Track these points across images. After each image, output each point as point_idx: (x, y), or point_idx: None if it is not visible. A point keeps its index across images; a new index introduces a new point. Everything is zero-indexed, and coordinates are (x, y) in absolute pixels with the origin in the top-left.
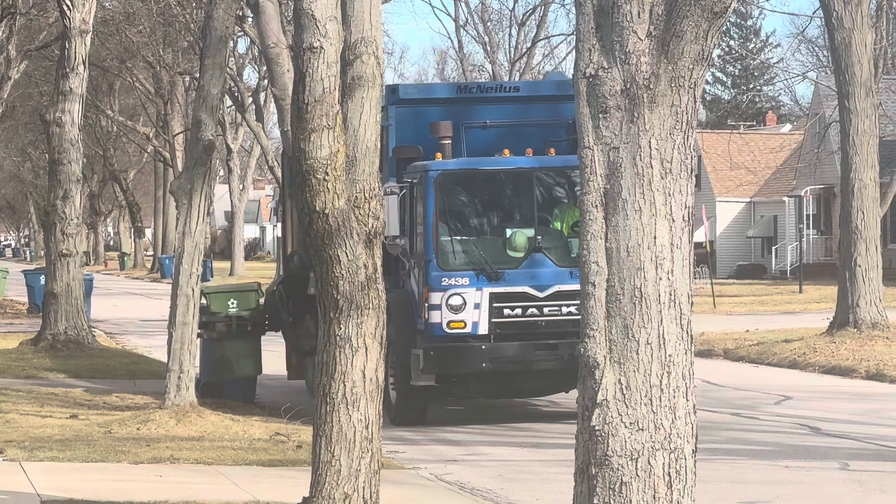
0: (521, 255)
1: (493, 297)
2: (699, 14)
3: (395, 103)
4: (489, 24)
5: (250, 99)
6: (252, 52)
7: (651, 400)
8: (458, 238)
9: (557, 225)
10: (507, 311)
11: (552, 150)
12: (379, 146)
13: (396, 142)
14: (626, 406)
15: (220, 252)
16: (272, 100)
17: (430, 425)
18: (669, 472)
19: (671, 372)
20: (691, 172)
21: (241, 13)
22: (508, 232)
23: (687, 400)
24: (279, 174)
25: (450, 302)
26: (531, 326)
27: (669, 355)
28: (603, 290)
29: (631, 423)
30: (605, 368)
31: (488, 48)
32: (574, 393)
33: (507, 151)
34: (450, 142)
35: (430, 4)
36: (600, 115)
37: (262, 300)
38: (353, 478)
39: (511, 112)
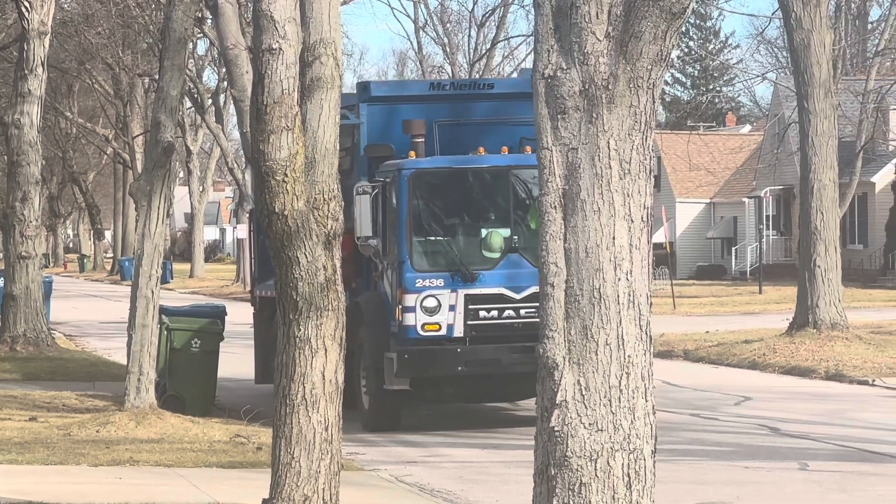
0: (496, 255)
1: (469, 299)
2: (658, 15)
3: (367, 101)
4: (448, 25)
5: (210, 100)
6: (212, 53)
7: (610, 401)
8: (433, 238)
9: (534, 224)
10: (482, 314)
11: (528, 148)
12: (338, 148)
13: (368, 140)
14: (586, 407)
15: (181, 254)
16: (232, 101)
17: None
18: (629, 473)
19: (630, 373)
20: (650, 173)
21: (200, 15)
22: (484, 232)
23: (646, 401)
24: (239, 176)
25: (424, 304)
26: (508, 329)
27: (628, 356)
28: (562, 290)
29: (590, 424)
30: (564, 369)
31: (448, 49)
32: None
33: (482, 150)
34: (423, 140)
35: (390, 6)
36: (559, 116)
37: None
38: (312, 479)
39: (485, 109)
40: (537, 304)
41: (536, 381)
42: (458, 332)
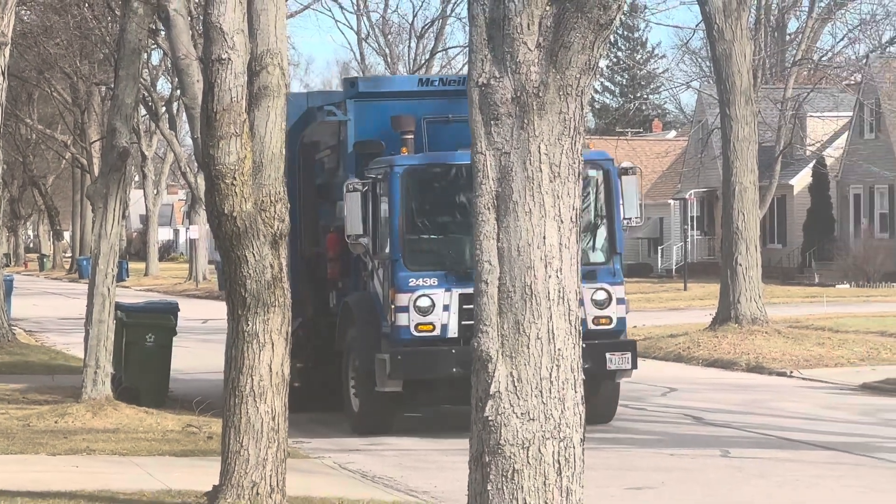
0: None
1: (463, 299)
2: (586, 26)
3: (354, 97)
4: (389, 36)
5: (164, 108)
6: (165, 63)
7: (541, 392)
8: (426, 237)
9: None
10: None
11: None
12: (284, 152)
13: (356, 137)
14: (518, 397)
15: (136, 253)
16: (184, 109)
17: (337, 419)
18: (559, 460)
19: (560, 365)
20: (579, 176)
21: (153, 27)
22: None
23: (575, 391)
24: (191, 180)
25: (417, 304)
26: None
27: (558, 349)
28: (495, 287)
29: (522, 414)
30: (498, 362)
31: (389, 60)
32: None
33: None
34: (412, 136)
35: (334, 19)
36: (492, 122)
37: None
38: (260, 466)
39: None
40: None
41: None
42: (453, 332)
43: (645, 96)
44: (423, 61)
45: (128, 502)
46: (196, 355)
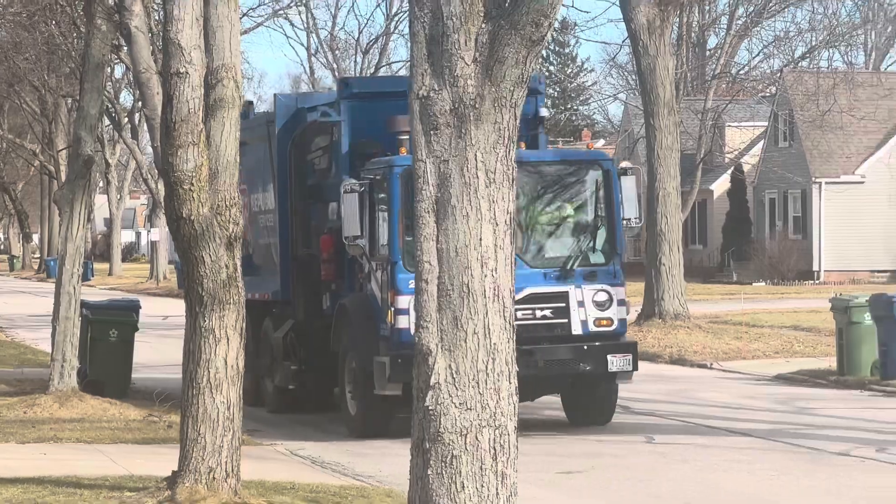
0: None
1: None
2: (519, 42)
3: (348, 97)
4: (337, 52)
5: (126, 119)
6: (127, 77)
7: (478, 383)
8: None
9: (529, 223)
10: None
11: (522, 144)
12: (238, 160)
13: (350, 137)
14: (456, 388)
15: (101, 254)
16: (145, 119)
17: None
18: (494, 447)
19: (496, 358)
20: (513, 182)
21: (116, 43)
22: None
23: (510, 383)
24: (153, 186)
25: None
26: None
27: (494, 343)
28: (435, 286)
29: (460, 404)
30: (437, 355)
31: (336, 74)
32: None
33: None
34: (407, 137)
35: (285, 35)
36: (432, 132)
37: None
38: (216, 453)
39: None
40: (534, 306)
41: (413, 366)
42: None
43: (575, 108)
44: (368, 75)
45: (92, 487)
46: (157, 350)
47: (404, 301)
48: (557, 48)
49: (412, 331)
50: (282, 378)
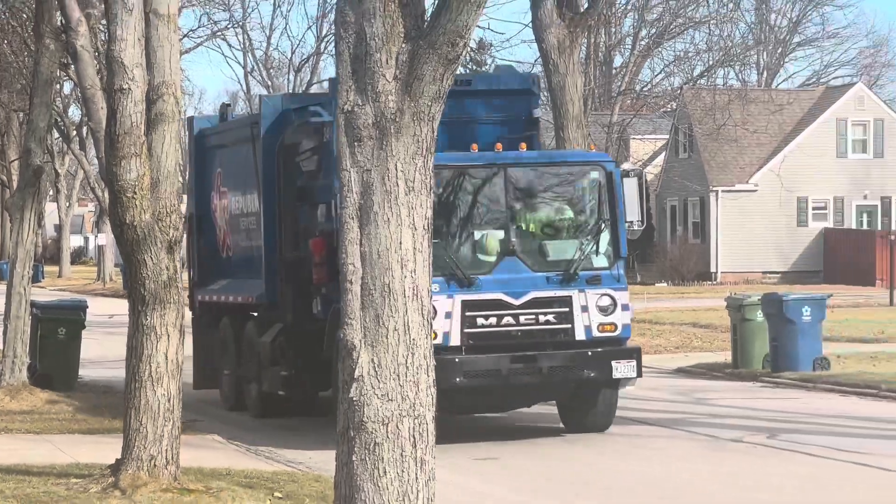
0: (492, 258)
1: (466, 306)
2: (437, 61)
3: None
4: (271, 70)
5: (74, 131)
6: (75, 93)
7: (398, 376)
8: None
9: (531, 226)
10: (480, 321)
11: (523, 145)
12: (178, 170)
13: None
14: (378, 381)
15: (51, 258)
16: (91, 132)
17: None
18: (414, 435)
19: (415, 353)
20: (430, 190)
21: (64, 61)
22: (478, 234)
23: (428, 375)
24: (99, 194)
25: None
26: (506, 337)
27: (413, 339)
28: (358, 286)
29: (382, 395)
30: (361, 350)
31: (271, 90)
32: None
33: (475, 146)
34: None
35: (223, 54)
36: (356, 144)
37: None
38: (157, 442)
39: (461, 107)
40: (537, 311)
41: (338, 361)
42: (455, 340)
43: None
44: (301, 92)
45: (41, 474)
46: (103, 346)
47: None
48: (474, 66)
49: None
50: (271, 384)
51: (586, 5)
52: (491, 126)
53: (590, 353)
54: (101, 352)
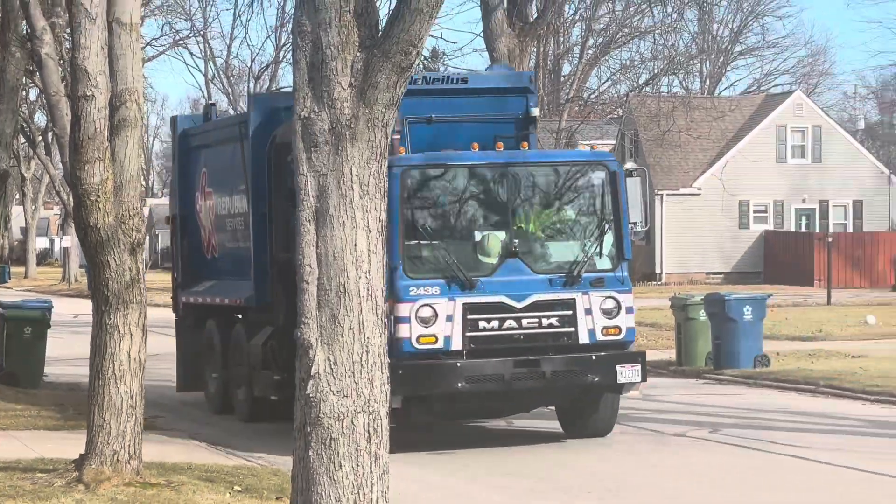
0: (494, 260)
1: (468, 308)
2: (390, 69)
3: None
4: (232, 78)
5: (40, 137)
6: (41, 99)
7: (353, 373)
8: (427, 242)
9: (533, 226)
10: (482, 324)
11: (525, 144)
12: (141, 175)
13: None
14: (334, 378)
15: (17, 259)
16: (56, 138)
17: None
18: (368, 430)
19: (369, 351)
20: (384, 194)
21: (30, 68)
22: (479, 235)
23: (382, 373)
24: (65, 197)
25: (419, 314)
26: (509, 341)
27: (367, 338)
28: (315, 286)
29: (338, 392)
30: (317, 348)
31: (231, 98)
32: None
33: (475, 145)
34: (398, 136)
35: (185, 63)
36: (312, 149)
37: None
38: (120, 438)
39: (457, 106)
40: (540, 314)
41: (295, 359)
42: (456, 344)
43: None
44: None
45: (6, 469)
46: (67, 345)
47: (405, 309)
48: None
49: (412, 341)
50: (262, 388)
51: (535, 16)
52: (488, 125)
53: (594, 357)
54: (65, 350)
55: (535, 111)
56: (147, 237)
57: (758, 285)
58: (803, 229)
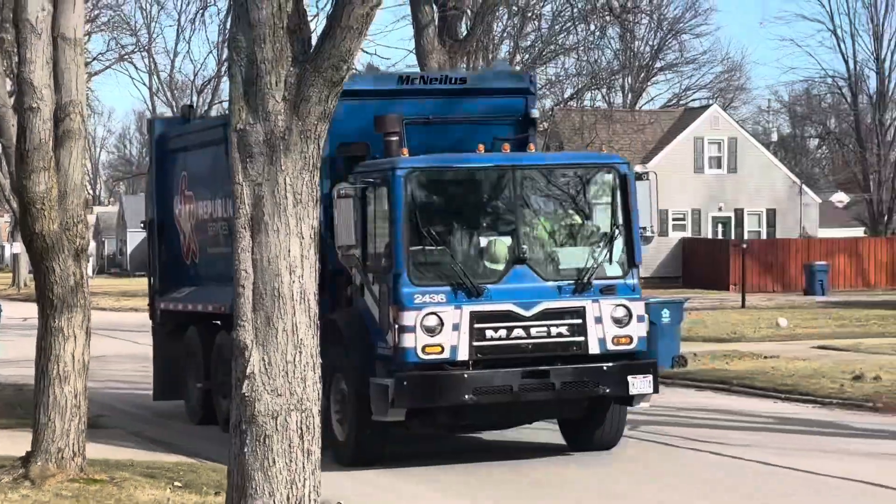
0: (501, 266)
1: (475, 317)
2: (322, 84)
3: None
4: (175, 91)
5: None
6: None
7: (287, 373)
8: (432, 248)
9: (541, 232)
10: (489, 333)
11: (531, 146)
12: (85, 184)
13: (333, 138)
14: (269, 378)
15: None
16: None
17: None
18: (301, 427)
19: (302, 352)
20: (317, 202)
21: None
22: (486, 240)
23: (314, 372)
24: (14, 205)
25: (424, 323)
26: (517, 350)
27: (301, 339)
28: (251, 290)
29: (272, 391)
30: (252, 350)
31: (175, 111)
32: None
33: (481, 147)
34: (397, 138)
35: (130, 76)
36: (248, 159)
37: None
38: (65, 436)
39: (457, 106)
40: (549, 323)
41: (232, 359)
42: (463, 354)
43: None
44: (203, 111)
45: None
46: (16, 346)
47: (409, 317)
48: None
49: (417, 351)
50: None
51: (465, 33)
52: (487, 126)
53: (605, 368)
54: (13, 353)
55: (536, 112)
56: (94, 243)
57: (676, 289)
58: (720, 236)
